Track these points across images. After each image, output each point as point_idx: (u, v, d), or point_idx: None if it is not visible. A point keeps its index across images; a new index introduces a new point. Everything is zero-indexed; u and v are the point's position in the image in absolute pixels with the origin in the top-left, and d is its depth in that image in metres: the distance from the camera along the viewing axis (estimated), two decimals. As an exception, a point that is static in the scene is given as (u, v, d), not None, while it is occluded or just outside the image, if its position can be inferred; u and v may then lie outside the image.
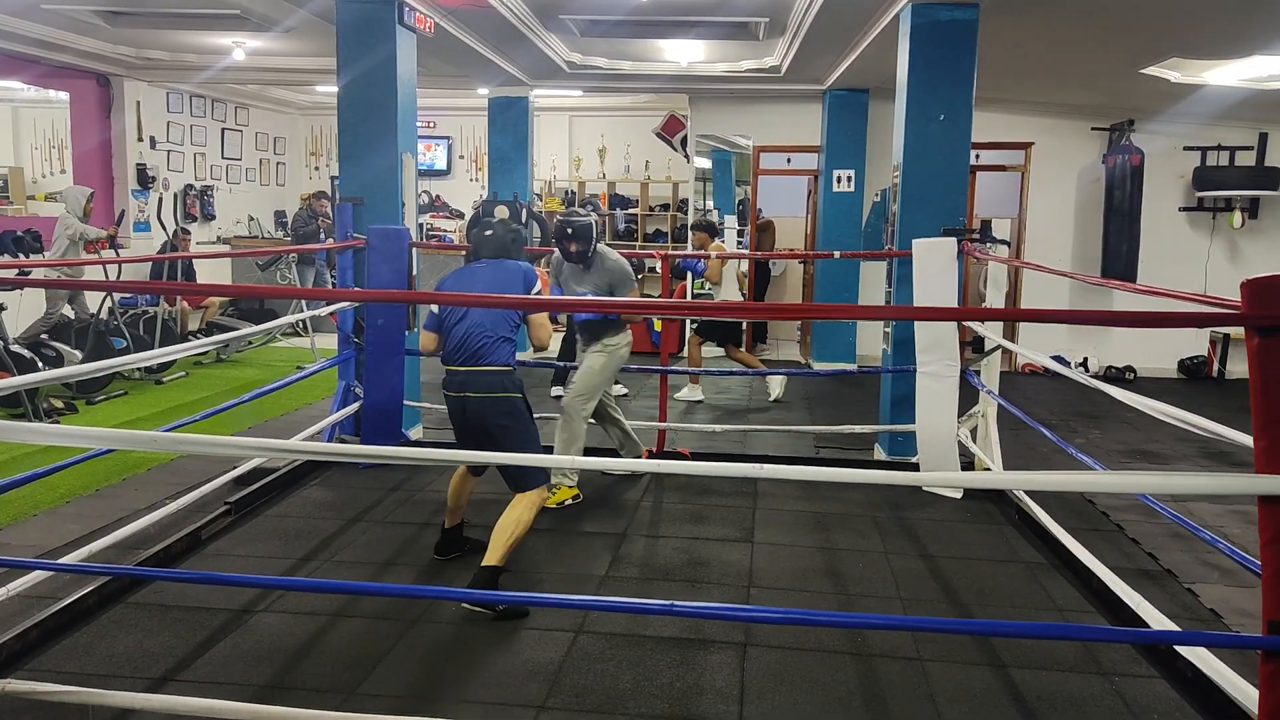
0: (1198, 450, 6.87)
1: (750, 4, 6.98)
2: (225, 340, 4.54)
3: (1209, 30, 6.45)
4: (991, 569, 4.43)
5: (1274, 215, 9.78)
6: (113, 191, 10.73)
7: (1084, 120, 9.84)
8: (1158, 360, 10.00)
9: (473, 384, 3.94)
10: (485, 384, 3.95)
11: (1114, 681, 3.33)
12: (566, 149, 13.46)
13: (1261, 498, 1.99)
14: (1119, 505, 5.34)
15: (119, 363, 3.41)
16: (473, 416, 3.96)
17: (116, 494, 5.21)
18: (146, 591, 3.87)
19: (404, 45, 6.16)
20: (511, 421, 3.99)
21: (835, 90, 9.66)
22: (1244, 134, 9.62)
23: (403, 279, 5.88)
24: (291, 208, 13.85)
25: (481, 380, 3.95)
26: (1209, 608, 4.03)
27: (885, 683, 3.31)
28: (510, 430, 3.97)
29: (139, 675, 3.20)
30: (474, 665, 3.34)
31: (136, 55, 10.03)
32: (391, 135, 6.11)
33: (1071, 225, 10.06)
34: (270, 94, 13.08)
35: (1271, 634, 1.99)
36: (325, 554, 4.40)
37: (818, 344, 10.21)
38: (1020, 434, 6.44)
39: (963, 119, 5.86)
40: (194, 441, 2.76)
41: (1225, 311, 2.14)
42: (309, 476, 5.56)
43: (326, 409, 6.79)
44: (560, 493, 5.17)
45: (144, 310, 9.13)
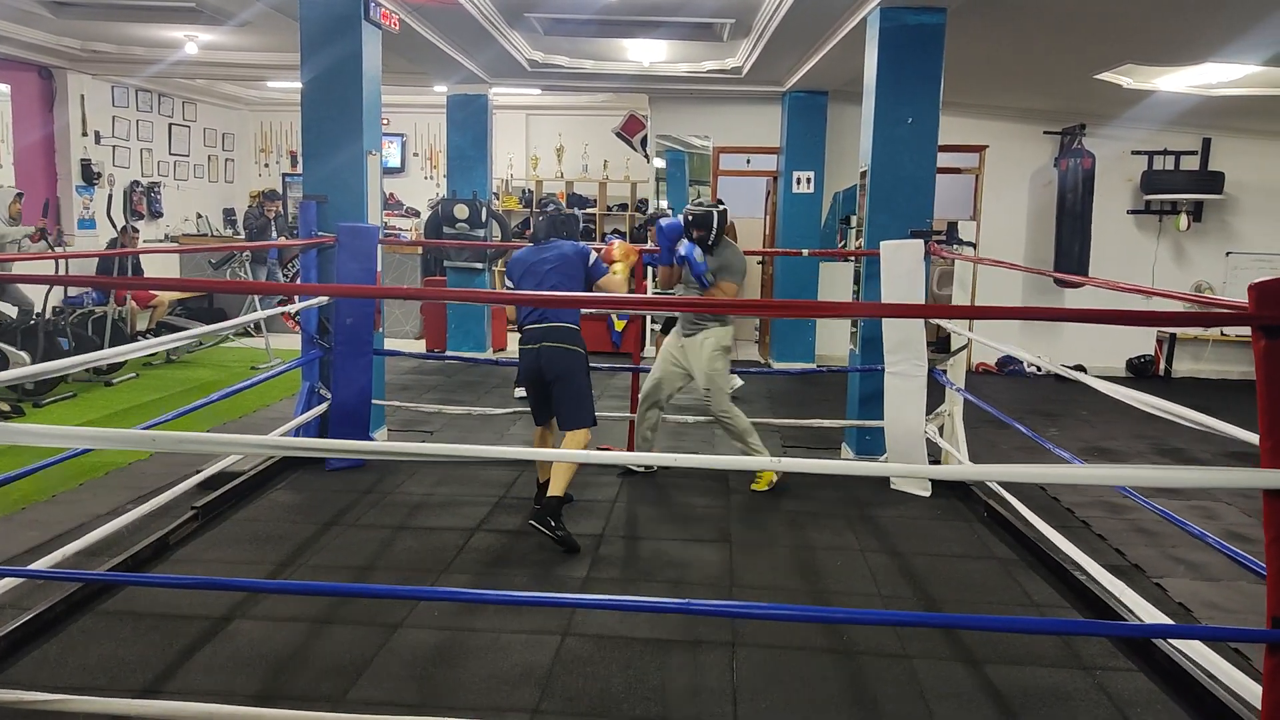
0: (1151, 447, 7.05)
1: (716, 4, 7.00)
2: (182, 339, 4.42)
3: (1166, 36, 6.62)
4: (966, 565, 4.50)
5: (1217, 218, 10.08)
6: (56, 187, 10.40)
7: (1037, 124, 10.05)
8: (1107, 359, 10.23)
9: (548, 336, 4.61)
10: (556, 336, 4.62)
11: (1095, 675, 3.39)
12: (524, 148, 13.37)
13: (1267, 493, 2.04)
14: (1084, 502, 5.45)
15: (71, 363, 3.30)
16: (545, 364, 4.62)
17: (74, 500, 5.04)
18: (117, 599, 3.76)
19: (369, 41, 6.06)
20: (573, 373, 4.66)
21: (795, 92, 9.73)
22: (1189, 139, 9.90)
23: (371, 277, 5.79)
24: (241, 205, 13.58)
25: (553, 333, 4.62)
26: (1178, 601, 4.13)
27: (874, 680, 3.33)
28: (570, 380, 4.65)
29: (116, 686, 3.10)
30: (463, 670, 3.29)
31: (81, 47, 9.74)
32: (356, 133, 6.00)
33: (1024, 227, 10.26)
34: (219, 89, 12.79)
35: (1276, 629, 2.04)
36: (300, 559, 4.31)
37: (777, 344, 10.28)
38: (981, 430, 6.55)
39: (930, 122, 5.94)
40: (191, 440, 2.67)
41: (1233, 312, 2.19)
42: (276, 480, 5.44)
43: (285, 411, 6.67)
44: (762, 479, 5.54)
45: (91, 310, 8.86)
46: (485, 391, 8.41)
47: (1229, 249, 10.08)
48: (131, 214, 11.23)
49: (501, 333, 11.01)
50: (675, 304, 6.23)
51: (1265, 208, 9.98)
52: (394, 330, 11.22)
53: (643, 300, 7.10)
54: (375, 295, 5.97)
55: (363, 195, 6.05)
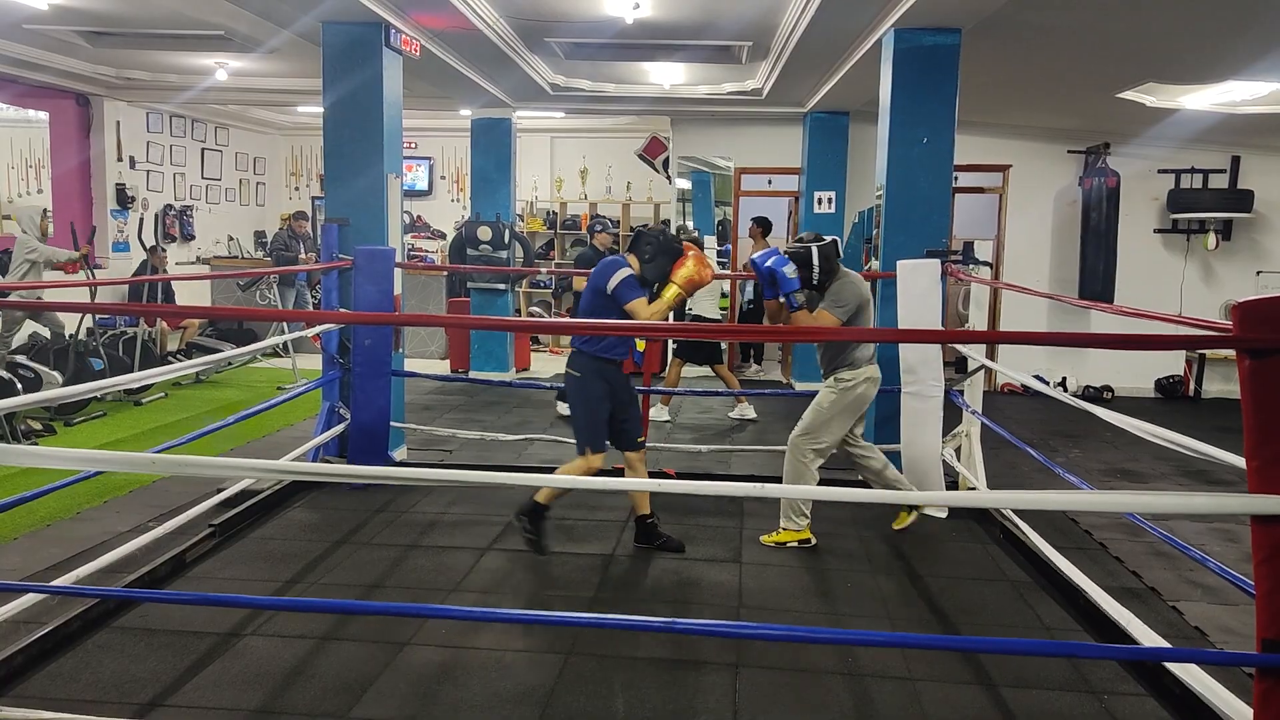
0: (1175, 469, 6.95)
1: (734, 28, 7.05)
2: (209, 363, 4.51)
3: (1185, 56, 6.57)
4: (978, 588, 4.46)
5: (1246, 237, 9.94)
6: (91, 212, 10.65)
7: (1061, 143, 9.99)
8: (1135, 380, 10.11)
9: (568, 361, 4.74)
10: (569, 360, 4.72)
11: (1103, 700, 3.35)
12: (548, 170, 13.49)
13: (1254, 517, 2.02)
14: (1101, 524, 5.38)
15: (101, 385, 3.39)
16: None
17: (98, 517, 5.14)
18: (131, 615, 3.83)
19: (390, 67, 6.18)
20: (569, 394, 4.73)
21: (816, 113, 9.76)
22: (1217, 157, 9.79)
23: (389, 299, 5.87)
24: (271, 228, 13.80)
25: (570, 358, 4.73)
26: (1194, 625, 4.07)
27: (878, 703, 3.31)
28: (570, 402, 4.76)
29: (126, 700, 3.16)
30: (465, 689, 3.31)
31: (117, 75, 9.99)
32: (377, 156, 6.11)
33: (1049, 246, 10.18)
34: (251, 114, 13.04)
35: (1266, 652, 2.02)
36: (311, 576, 4.37)
37: (799, 364, 10.26)
38: (1001, 453, 6.49)
39: (945, 142, 5.94)
40: (191, 463, 2.74)
41: (1216, 334, 2.18)
42: (293, 499, 5.51)
43: (308, 430, 6.76)
44: (782, 534, 4.91)
45: (122, 331, 9.04)
46: (506, 411, 8.46)
47: (1259, 268, 9.94)
48: (164, 237, 11.47)
49: (525, 353, 11.09)
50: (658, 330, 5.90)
51: (1295, 226, 9.84)
52: (418, 350, 11.33)
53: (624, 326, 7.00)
54: (379, 322, 6.01)
55: (383, 218, 6.15)
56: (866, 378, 4.88)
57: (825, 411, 4.85)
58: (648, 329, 5.15)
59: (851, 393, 4.84)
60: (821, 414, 4.86)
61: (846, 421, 4.90)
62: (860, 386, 4.86)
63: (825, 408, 4.85)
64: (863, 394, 4.87)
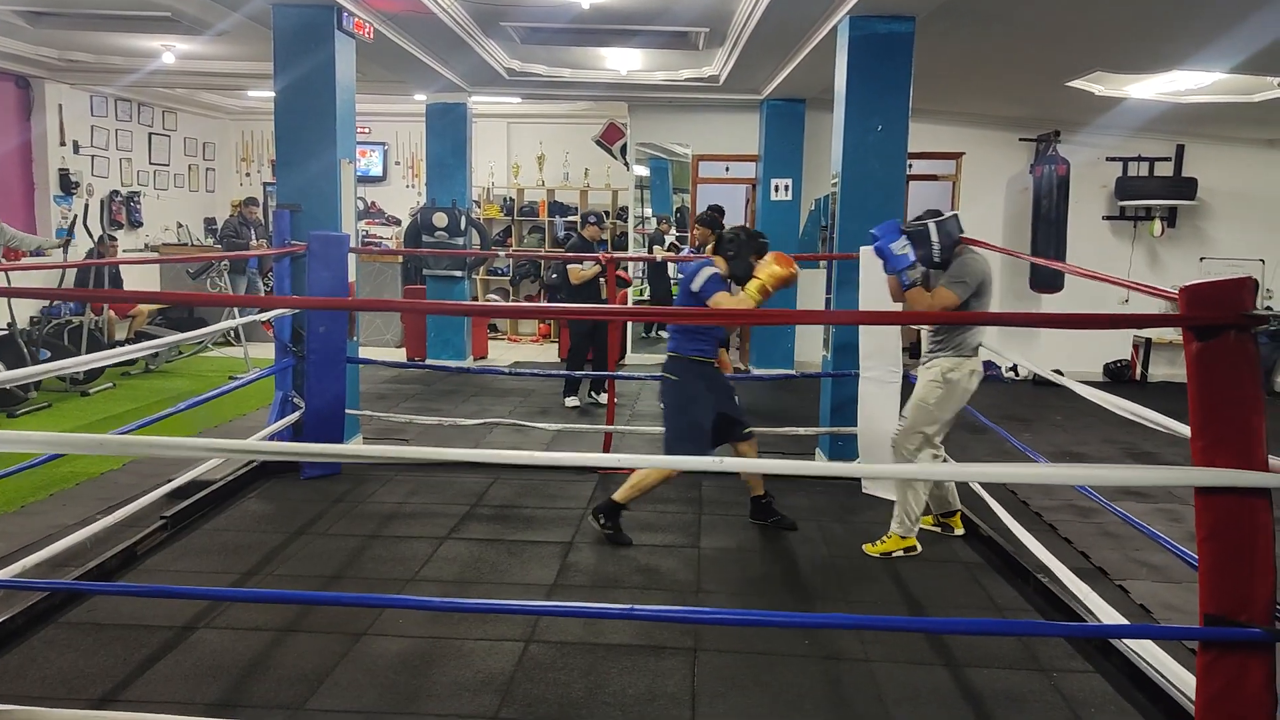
0: (1122, 451, 7.10)
1: (690, 14, 7.04)
2: (159, 346, 4.41)
3: (1131, 46, 6.69)
4: (932, 569, 4.53)
5: (1190, 224, 10.17)
6: (34, 197, 10.39)
7: (1012, 131, 10.13)
8: (1083, 364, 10.29)
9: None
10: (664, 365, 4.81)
11: (1052, 677, 3.43)
12: (505, 156, 13.39)
13: (1199, 490, 2.07)
14: (1052, 506, 5.49)
15: (45, 370, 3.30)
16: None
17: (44, 510, 5.03)
18: (79, 610, 3.76)
19: (342, 51, 6.09)
20: (664, 399, 4.76)
21: (773, 100, 9.79)
22: (1163, 145, 10.00)
23: (343, 285, 5.80)
24: (222, 214, 13.55)
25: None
26: (1139, 603, 4.17)
27: (835, 684, 3.36)
28: (664, 406, 4.77)
29: (76, 696, 3.10)
30: (424, 678, 3.30)
31: (59, 57, 9.73)
32: (330, 142, 6.03)
33: (1001, 233, 10.31)
34: (199, 98, 12.77)
35: (1208, 626, 2.07)
36: (267, 568, 4.32)
37: (757, 349, 10.32)
38: (954, 436, 6.57)
39: (899, 129, 5.98)
40: (140, 444, 2.68)
41: (1164, 315, 2.22)
42: (247, 489, 5.44)
43: (261, 419, 6.66)
44: (889, 543, 4.64)
45: (68, 320, 8.83)
46: (464, 400, 8.42)
47: (1202, 254, 10.17)
48: (111, 224, 11.19)
49: (482, 341, 11.02)
50: (631, 314, 6.06)
51: (1237, 213, 10.07)
52: (374, 338, 11.22)
53: (611, 310, 7.07)
54: (333, 307, 5.94)
55: (337, 204, 6.07)
56: (972, 370, 4.54)
57: (930, 409, 4.55)
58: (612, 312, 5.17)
59: (956, 383, 4.51)
60: (922, 411, 4.57)
61: (951, 415, 4.61)
62: (972, 379, 4.55)
63: (931, 404, 4.54)
64: (972, 387, 4.56)
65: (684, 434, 4.60)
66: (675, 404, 4.66)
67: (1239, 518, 2.07)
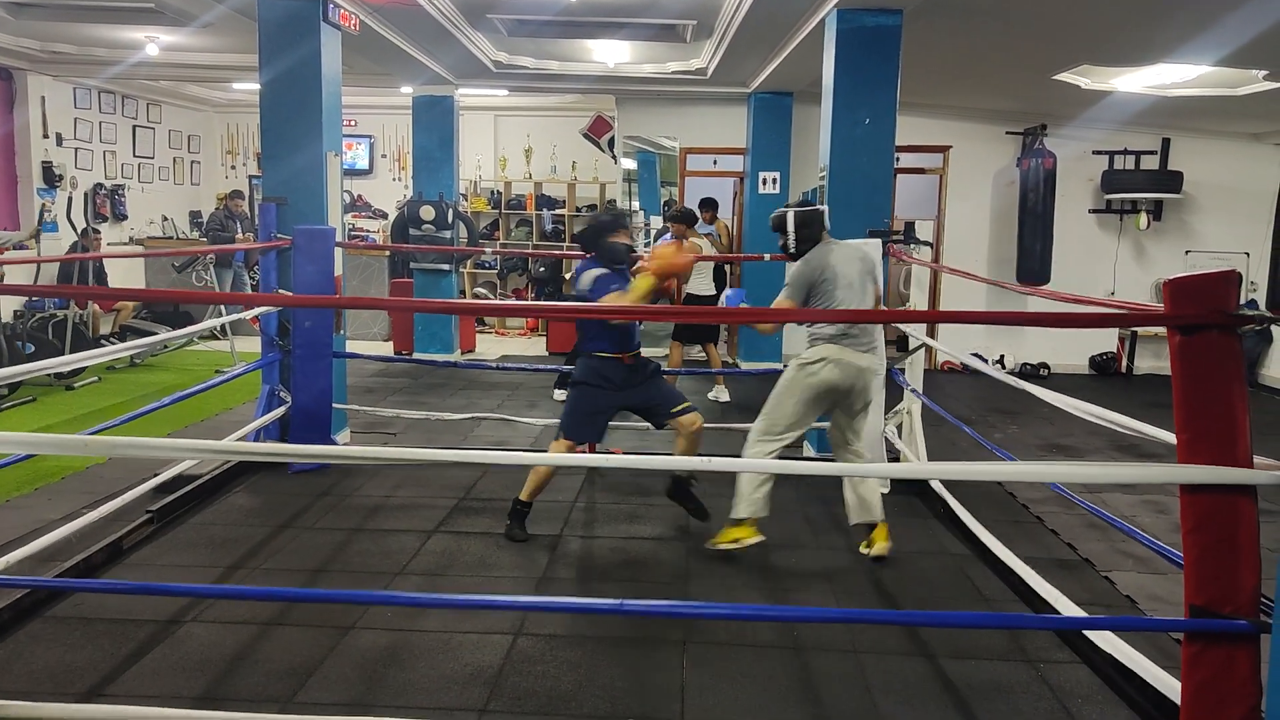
0: (1108, 443, 7.14)
1: (678, 6, 7.03)
2: (144, 345, 4.39)
3: (1117, 38, 6.71)
4: (919, 561, 4.55)
5: (1176, 217, 10.23)
6: (17, 190, 10.30)
7: (999, 125, 10.16)
8: (1070, 357, 10.37)
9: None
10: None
11: (1039, 668, 3.45)
12: (492, 149, 13.35)
13: (1183, 487, 2.08)
14: (1038, 498, 5.52)
15: (30, 369, 3.28)
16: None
17: (29, 504, 5.00)
18: (66, 604, 3.74)
19: (328, 43, 6.05)
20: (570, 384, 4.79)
21: (760, 93, 9.78)
22: (1149, 139, 10.05)
23: (329, 280, 5.77)
24: (207, 208, 13.47)
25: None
26: (1125, 594, 4.20)
27: (822, 675, 3.37)
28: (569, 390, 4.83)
29: (62, 690, 3.09)
30: (412, 671, 3.30)
31: (41, 48, 9.64)
32: (316, 134, 5.99)
33: (988, 226, 10.37)
34: (184, 90, 12.68)
35: (1193, 618, 2.09)
36: (253, 562, 4.30)
37: (745, 344, 10.33)
38: (941, 430, 6.60)
39: (887, 122, 6.00)
40: (127, 444, 2.67)
41: (1147, 313, 2.24)
42: (233, 483, 5.42)
43: (248, 414, 6.64)
44: (727, 532, 4.41)
45: (52, 314, 8.78)
46: (451, 394, 8.40)
47: (1188, 248, 10.23)
48: (95, 217, 11.13)
49: (470, 334, 11.00)
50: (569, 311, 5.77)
51: (1222, 206, 10.14)
52: (361, 331, 11.18)
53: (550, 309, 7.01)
54: (319, 304, 5.90)
55: (323, 197, 6.04)
56: (822, 358, 4.31)
57: (779, 396, 4.42)
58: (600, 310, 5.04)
59: (804, 374, 4.35)
60: (773, 399, 4.44)
61: (803, 408, 4.37)
62: (817, 368, 4.31)
63: (778, 389, 4.44)
64: (823, 379, 4.31)
65: (577, 420, 4.64)
66: (573, 396, 4.72)
67: (1223, 513, 2.08)
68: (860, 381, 4.37)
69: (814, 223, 4.51)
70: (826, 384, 4.33)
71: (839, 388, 4.34)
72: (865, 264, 4.50)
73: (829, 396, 4.37)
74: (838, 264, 4.39)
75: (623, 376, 4.63)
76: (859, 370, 4.34)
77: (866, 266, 4.50)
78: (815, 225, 4.51)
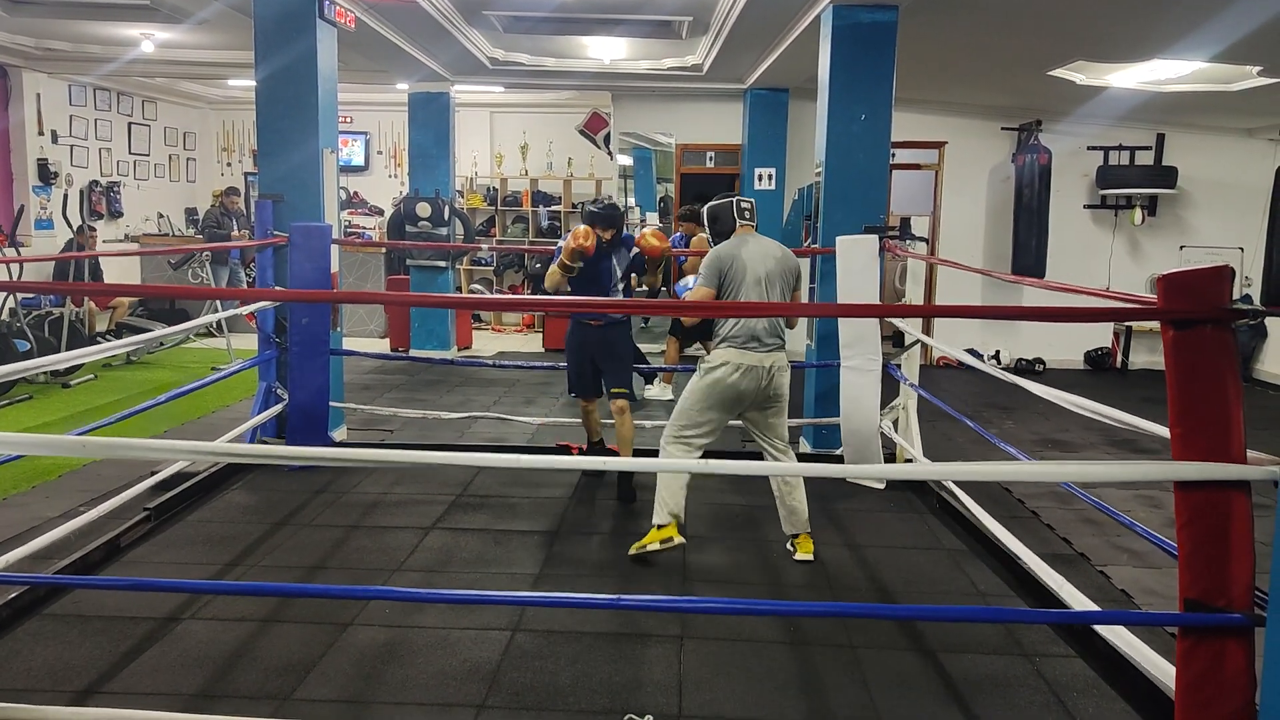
0: (1103, 438, 7.17)
1: (674, 2, 7.03)
2: (140, 342, 4.39)
3: (1112, 34, 6.71)
4: (915, 556, 4.56)
5: (1171, 212, 10.24)
6: (12, 187, 10.28)
7: (995, 120, 10.17)
8: (1065, 352, 10.39)
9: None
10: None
11: (1035, 662, 3.47)
12: (488, 145, 13.33)
13: (1178, 483, 2.10)
14: (1034, 493, 5.54)
15: (26, 366, 3.28)
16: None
17: (26, 502, 5.00)
18: (64, 602, 3.74)
19: (324, 40, 6.04)
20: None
21: (756, 89, 9.79)
22: (1143, 135, 10.06)
23: (326, 277, 5.77)
24: (203, 205, 13.44)
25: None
26: (1120, 588, 4.22)
27: (820, 670, 3.38)
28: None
29: (60, 688, 3.09)
30: (410, 667, 3.31)
31: (36, 45, 9.62)
32: (312, 131, 5.99)
33: (983, 222, 10.38)
34: (179, 87, 12.66)
35: (1189, 611, 2.10)
36: (251, 559, 4.31)
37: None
38: (938, 425, 6.63)
39: (883, 119, 6.00)
40: (124, 445, 2.67)
41: (1141, 307, 2.25)
42: (231, 480, 5.42)
43: (245, 411, 6.64)
44: (647, 538, 4.33)
45: (48, 311, 8.76)
46: (448, 390, 8.40)
47: (1182, 243, 10.25)
48: (91, 214, 11.10)
49: (466, 331, 11.00)
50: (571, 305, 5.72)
51: (1216, 201, 10.15)
52: (358, 329, 11.17)
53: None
54: (316, 299, 5.91)
55: (319, 194, 6.03)
56: (724, 362, 4.24)
57: (685, 398, 4.36)
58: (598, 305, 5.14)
59: (707, 378, 4.28)
60: (681, 400, 4.39)
61: (708, 412, 4.30)
62: (719, 371, 4.25)
63: (684, 393, 4.39)
64: (720, 378, 4.24)
65: (568, 375, 5.57)
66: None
67: (1217, 507, 2.09)
68: (765, 382, 4.29)
69: (725, 216, 4.52)
70: (727, 386, 4.25)
71: (742, 390, 4.26)
72: (783, 263, 4.41)
73: (733, 399, 4.30)
74: (748, 258, 4.33)
75: (595, 341, 5.30)
76: (762, 371, 4.26)
77: (784, 266, 4.41)
78: (727, 219, 4.51)
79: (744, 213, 4.51)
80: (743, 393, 4.27)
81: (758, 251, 4.37)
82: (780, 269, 4.39)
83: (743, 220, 4.50)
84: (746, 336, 4.25)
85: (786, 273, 4.42)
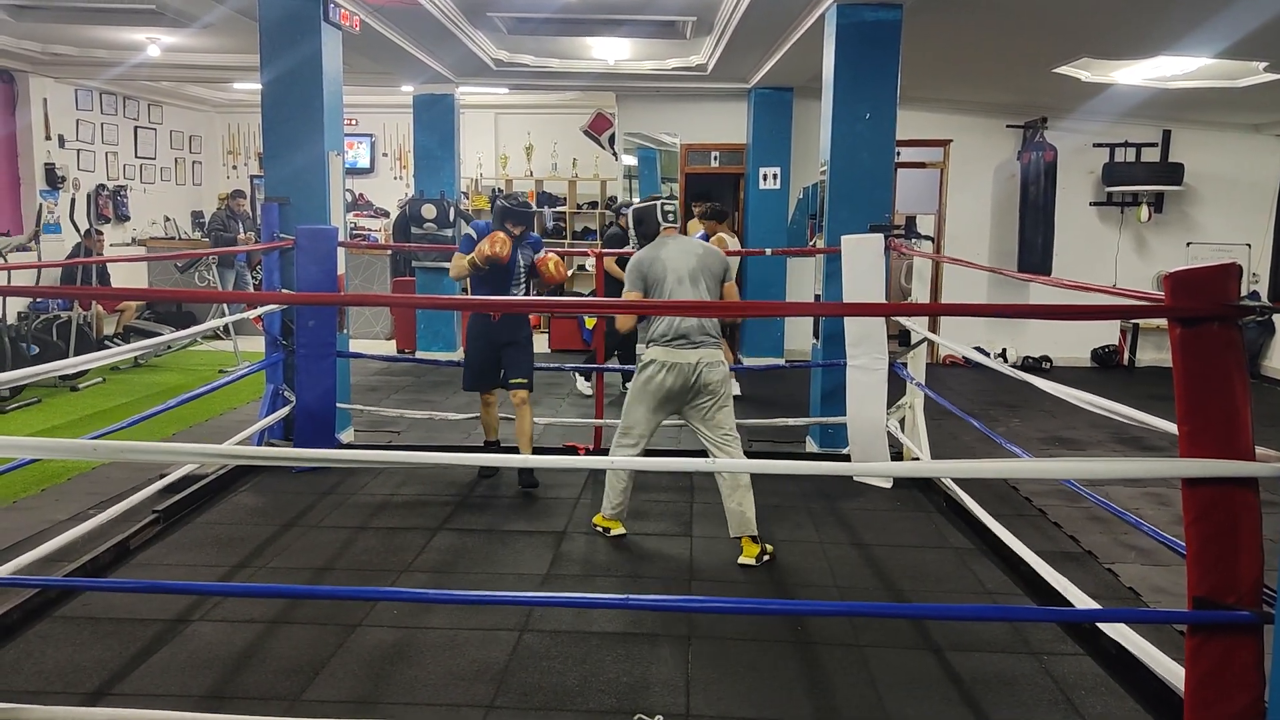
0: (1110, 436, 7.15)
1: (678, 3, 7.03)
2: (148, 346, 4.40)
3: (1117, 31, 6.71)
4: (922, 555, 4.56)
5: (1177, 209, 10.22)
6: (19, 192, 10.32)
7: (1000, 118, 10.15)
8: (1072, 350, 10.38)
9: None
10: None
11: (1042, 660, 3.46)
12: (493, 146, 13.37)
13: (1186, 480, 2.10)
14: (1041, 491, 5.53)
15: (36, 371, 3.30)
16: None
17: (36, 505, 5.03)
18: (74, 604, 3.76)
19: (329, 43, 6.06)
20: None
21: (761, 89, 9.79)
22: (1149, 131, 10.04)
23: (332, 279, 5.79)
24: (209, 208, 13.49)
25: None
26: (1128, 586, 4.21)
27: (827, 669, 3.39)
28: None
29: (71, 690, 3.11)
30: (419, 668, 3.32)
31: (42, 50, 9.66)
32: (317, 134, 6.01)
33: (989, 220, 10.37)
34: (185, 91, 12.70)
35: (1197, 609, 2.10)
36: (259, 561, 4.32)
37: (747, 339, 10.35)
38: (944, 423, 6.63)
39: (888, 117, 6.00)
40: (134, 449, 2.69)
41: (1148, 304, 2.25)
42: (239, 482, 5.44)
43: (252, 414, 6.67)
44: (597, 517, 4.74)
45: (56, 315, 8.80)
46: (454, 392, 8.41)
47: (1189, 240, 10.23)
48: (98, 217, 11.15)
49: (472, 332, 10.99)
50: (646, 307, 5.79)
51: (1223, 198, 10.13)
52: (364, 331, 11.20)
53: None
54: (322, 302, 5.92)
55: (325, 196, 6.05)
56: (651, 360, 4.36)
57: (626, 398, 4.54)
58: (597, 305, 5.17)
59: (640, 378, 4.42)
60: (625, 401, 4.57)
61: (645, 412, 4.42)
62: (648, 370, 4.37)
63: (627, 394, 4.56)
64: (649, 376, 4.36)
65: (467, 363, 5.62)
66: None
67: (1225, 505, 2.09)
68: (696, 379, 4.32)
69: (650, 219, 4.62)
70: (657, 385, 4.34)
71: (669, 387, 4.33)
72: (705, 259, 4.46)
73: (665, 398, 4.37)
74: (669, 258, 4.41)
75: (491, 332, 5.38)
76: (688, 367, 4.30)
77: (707, 262, 4.46)
78: (651, 222, 4.61)
79: (668, 215, 4.64)
80: (670, 389, 4.35)
81: (677, 250, 4.47)
82: (702, 264, 4.45)
83: (666, 223, 4.63)
84: (674, 335, 4.33)
85: (709, 267, 4.47)
